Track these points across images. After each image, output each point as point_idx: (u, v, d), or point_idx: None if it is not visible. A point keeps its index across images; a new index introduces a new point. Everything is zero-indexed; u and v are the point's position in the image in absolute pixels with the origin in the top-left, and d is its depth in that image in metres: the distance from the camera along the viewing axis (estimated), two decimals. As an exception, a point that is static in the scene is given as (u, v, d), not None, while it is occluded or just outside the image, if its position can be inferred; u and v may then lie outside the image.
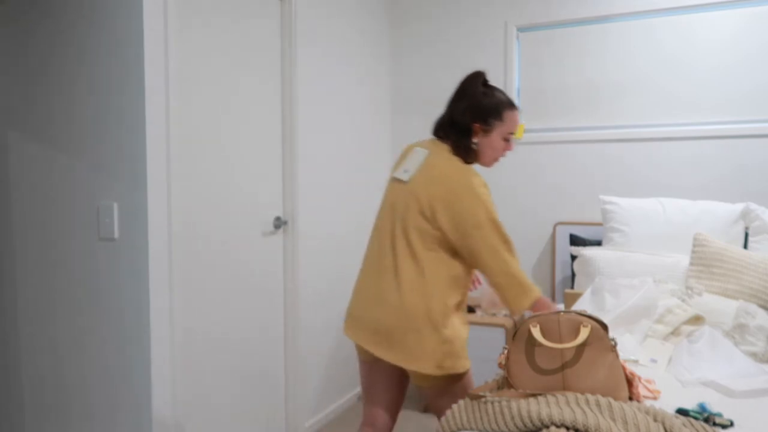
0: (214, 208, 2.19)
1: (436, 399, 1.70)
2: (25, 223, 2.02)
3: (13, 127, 2.02)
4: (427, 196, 1.60)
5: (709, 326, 1.93)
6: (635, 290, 1.96)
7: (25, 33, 1.97)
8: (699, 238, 2.31)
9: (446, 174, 1.60)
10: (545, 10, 3.17)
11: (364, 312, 1.67)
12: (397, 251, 1.63)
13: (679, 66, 2.92)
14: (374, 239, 1.72)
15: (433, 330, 1.58)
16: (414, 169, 1.67)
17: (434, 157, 1.66)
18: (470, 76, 1.69)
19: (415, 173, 1.66)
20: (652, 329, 1.91)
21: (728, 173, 2.85)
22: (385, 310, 1.62)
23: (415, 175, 1.65)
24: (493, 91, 1.69)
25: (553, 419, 1.24)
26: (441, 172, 1.61)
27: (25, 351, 2.04)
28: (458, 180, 1.58)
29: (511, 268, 1.57)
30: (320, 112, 2.82)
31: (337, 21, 2.97)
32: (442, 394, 1.68)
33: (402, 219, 1.64)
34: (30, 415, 2.05)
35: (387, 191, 1.74)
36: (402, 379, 1.79)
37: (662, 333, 1.90)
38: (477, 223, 1.55)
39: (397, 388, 1.78)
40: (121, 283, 1.86)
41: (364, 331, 1.66)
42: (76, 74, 1.90)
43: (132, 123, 1.82)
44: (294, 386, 2.64)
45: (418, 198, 1.62)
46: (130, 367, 1.86)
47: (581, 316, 1.44)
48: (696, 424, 1.26)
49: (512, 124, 1.68)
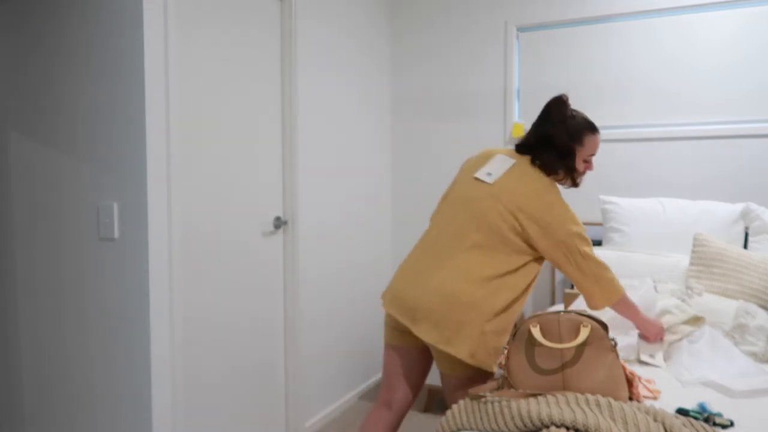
0: (214, 208, 2.19)
1: (454, 392, 1.72)
2: (25, 223, 2.02)
3: (13, 127, 2.02)
4: (516, 203, 1.68)
5: (709, 326, 1.93)
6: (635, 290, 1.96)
7: (26, 33, 1.97)
8: (699, 238, 2.31)
9: (538, 186, 1.70)
10: (545, 10, 3.17)
11: (405, 291, 1.71)
12: (465, 244, 1.69)
13: (679, 66, 2.92)
14: (435, 227, 1.79)
15: (478, 320, 1.63)
16: (498, 174, 1.75)
17: (522, 168, 1.74)
18: (557, 101, 1.78)
19: (500, 178, 1.74)
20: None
21: (728, 173, 2.85)
22: (431, 292, 1.66)
23: (501, 180, 1.73)
24: (579, 117, 1.79)
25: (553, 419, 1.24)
26: (533, 184, 1.70)
27: (25, 351, 2.04)
28: (549, 193, 1.69)
29: (600, 270, 1.70)
30: (320, 112, 2.82)
31: (337, 21, 2.97)
32: (460, 388, 1.71)
33: (479, 217, 1.70)
34: (30, 415, 2.05)
35: (461, 187, 1.80)
36: (425, 369, 1.85)
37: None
38: (568, 233, 1.66)
39: (418, 375, 1.84)
40: (121, 283, 1.86)
41: (405, 308, 1.70)
42: (76, 74, 1.90)
43: (132, 123, 1.82)
44: (294, 386, 2.64)
45: (504, 202, 1.69)
46: (130, 366, 1.86)
47: (581, 316, 1.44)
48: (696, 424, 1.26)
49: (592, 147, 1.78)
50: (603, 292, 1.71)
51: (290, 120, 2.59)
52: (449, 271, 1.67)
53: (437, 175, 3.47)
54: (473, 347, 1.62)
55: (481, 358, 1.63)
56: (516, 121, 3.26)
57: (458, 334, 1.62)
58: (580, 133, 1.76)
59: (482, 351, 1.63)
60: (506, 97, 3.28)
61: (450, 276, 1.66)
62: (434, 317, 1.63)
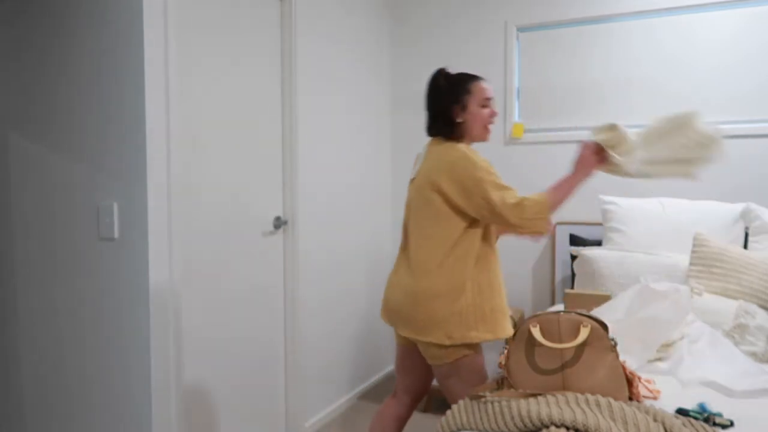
0: (214, 207, 2.19)
1: (446, 379, 1.79)
2: (25, 223, 2.02)
3: (13, 127, 2.02)
4: (430, 175, 1.76)
5: (709, 326, 1.93)
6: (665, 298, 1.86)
7: (25, 33, 1.97)
8: (699, 238, 2.31)
9: (443, 152, 1.77)
10: (545, 10, 3.17)
11: (387, 296, 1.87)
12: (411, 239, 1.82)
13: (679, 66, 2.92)
14: (401, 237, 1.94)
15: (444, 305, 1.71)
16: (418, 165, 1.88)
17: (430, 147, 1.85)
18: (432, 76, 1.86)
19: (418, 168, 1.86)
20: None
21: (728, 173, 2.85)
22: (400, 291, 1.80)
23: (418, 168, 1.85)
24: (455, 75, 1.84)
25: (553, 419, 1.24)
26: (438, 153, 1.78)
27: (25, 351, 2.04)
28: (453, 153, 1.74)
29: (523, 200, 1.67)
30: (320, 113, 2.82)
31: (337, 21, 2.97)
32: (450, 375, 1.77)
33: (415, 209, 1.82)
34: (30, 415, 2.05)
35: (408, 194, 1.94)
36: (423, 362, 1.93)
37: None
38: (477, 183, 1.68)
39: (419, 369, 1.95)
40: (121, 283, 1.86)
41: (386, 311, 1.86)
42: (76, 74, 1.90)
43: (132, 123, 1.82)
44: (294, 386, 2.64)
45: (423, 182, 1.78)
46: (130, 367, 1.86)
47: (581, 316, 1.44)
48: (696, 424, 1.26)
49: (481, 91, 1.81)
50: (534, 221, 1.68)
51: (290, 120, 2.59)
52: (405, 268, 1.81)
53: (437, 175, 3.47)
54: (448, 329, 1.70)
55: (458, 336, 1.70)
56: (516, 121, 3.26)
57: (430, 323, 1.72)
58: (459, 86, 1.81)
59: (457, 330, 1.70)
60: (506, 97, 3.28)
61: (407, 273, 1.79)
62: (404, 315, 1.77)
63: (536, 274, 3.27)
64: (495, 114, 1.85)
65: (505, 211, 1.66)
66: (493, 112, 1.84)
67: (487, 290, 1.74)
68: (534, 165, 3.24)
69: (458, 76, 1.83)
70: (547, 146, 3.20)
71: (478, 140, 1.87)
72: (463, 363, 1.75)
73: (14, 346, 2.06)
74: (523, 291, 3.30)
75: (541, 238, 1.71)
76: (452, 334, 1.70)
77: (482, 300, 1.73)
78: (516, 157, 3.28)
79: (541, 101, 3.22)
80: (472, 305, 1.72)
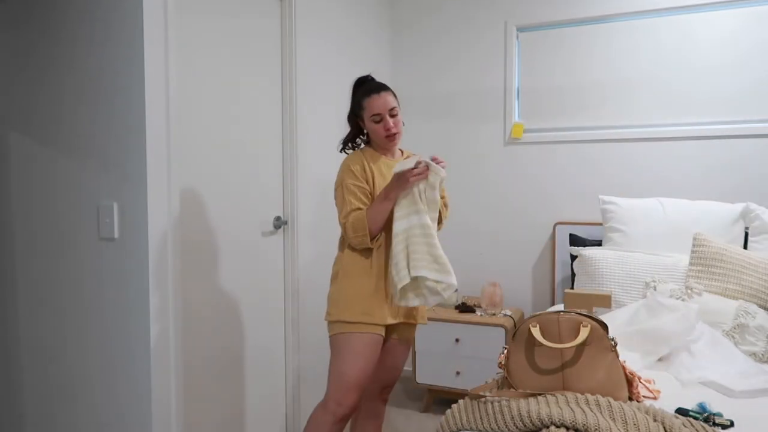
0: (213, 207, 2.19)
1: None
2: (25, 223, 2.02)
3: (13, 128, 2.02)
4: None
5: (708, 326, 1.93)
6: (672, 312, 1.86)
7: (26, 33, 1.97)
8: (699, 238, 2.31)
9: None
10: (545, 10, 3.17)
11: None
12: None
13: (679, 66, 2.92)
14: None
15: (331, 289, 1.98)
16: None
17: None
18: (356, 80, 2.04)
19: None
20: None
21: (728, 173, 2.85)
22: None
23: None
24: (357, 86, 2.01)
25: (552, 419, 1.24)
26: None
27: (25, 351, 2.04)
28: (343, 162, 1.98)
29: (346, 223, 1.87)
30: (320, 112, 2.82)
31: (337, 21, 2.97)
32: (332, 346, 1.96)
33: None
34: (30, 414, 2.05)
35: None
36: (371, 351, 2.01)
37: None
38: (337, 195, 1.94)
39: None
40: (121, 283, 1.86)
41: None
42: (76, 74, 1.90)
43: (132, 123, 1.82)
44: (294, 386, 2.64)
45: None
46: (131, 367, 1.86)
47: (581, 316, 1.44)
48: (696, 424, 1.26)
49: (369, 108, 1.91)
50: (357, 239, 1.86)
51: (290, 120, 2.59)
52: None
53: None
54: (327, 308, 1.96)
55: (328, 313, 1.94)
56: (516, 121, 3.27)
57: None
58: (355, 98, 1.97)
59: (330, 309, 1.93)
60: (506, 97, 3.28)
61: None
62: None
63: (536, 274, 3.27)
64: (389, 129, 1.89)
65: (343, 230, 1.90)
66: (386, 127, 1.89)
67: (360, 283, 1.89)
68: (534, 165, 3.24)
69: (356, 89, 1.98)
70: (547, 146, 3.20)
71: (383, 149, 1.98)
72: (333, 340, 1.93)
73: (14, 345, 2.06)
74: (523, 291, 3.30)
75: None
76: (328, 311, 1.94)
77: (351, 289, 1.90)
78: (516, 157, 3.28)
79: (541, 101, 3.22)
80: (340, 291, 1.92)
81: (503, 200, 3.32)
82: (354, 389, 1.87)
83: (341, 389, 1.87)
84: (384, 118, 1.88)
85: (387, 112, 1.88)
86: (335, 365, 1.91)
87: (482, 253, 3.38)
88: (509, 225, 3.31)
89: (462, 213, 3.39)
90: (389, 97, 1.91)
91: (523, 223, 3.28)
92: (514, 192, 3.29)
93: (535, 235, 3.25)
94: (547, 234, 3.23)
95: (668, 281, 2.31)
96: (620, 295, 2.37)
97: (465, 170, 3.40)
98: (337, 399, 1.87)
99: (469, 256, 3.40)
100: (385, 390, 2.12)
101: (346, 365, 1.87)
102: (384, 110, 1.88)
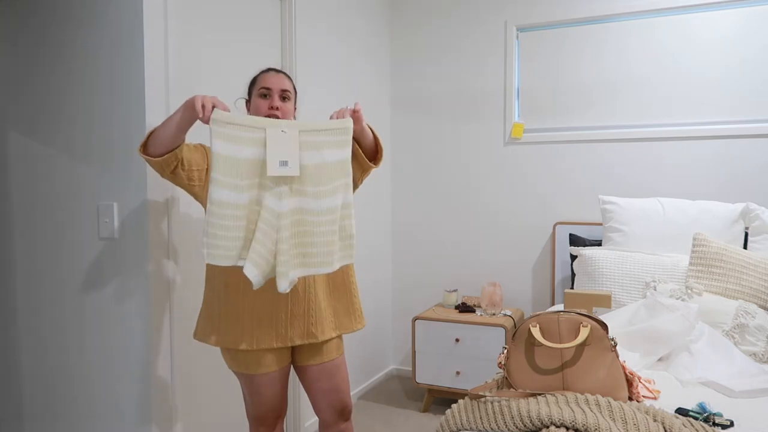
0: (214, 208, 2.19)
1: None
2: (25, 223, 2.02)
3: (13, 128, 2.02)
4: None
5: (708, 326, 1.93)
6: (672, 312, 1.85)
7: (26, 35, 1.97)
8: (699, 238, 2.31)
9: None
10: (545, 10, 3.17)
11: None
12: None
13: (679, 66, 2.92)
14: None
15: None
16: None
17: None
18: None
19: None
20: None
21: (728, 173, 2.85)
22: None
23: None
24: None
25: (552, 419, 1.24)
26: None
27: (25, 350, 2.05)
28: None
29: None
30: (320, 112, 2.82)
31: (336, 22, 2.97)
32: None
33: None
34: (30, 414, 2.05)
35: None
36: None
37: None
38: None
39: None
40: (121, 283, 1.86)
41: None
42: (76, 74, 1.90)
43: (132, 123, 1.82)
44: (294, 386, 2.64)
45: None
46: (130, 367, 1.86)
47: (581, 316, 1.44)
48: (696, 424, 1.26)
49: (261, 80, 1.72)
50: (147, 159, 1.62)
51: (290, 120, 2.59)
52: None
53: (437, 175, 3.47)
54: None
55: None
56: (516, 121, 3.27)
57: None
58: (252, 81, 1.77)
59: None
60: (506, 97, 3.28)
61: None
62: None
63: (536, 274, 3.27)
64: (274, 107, 1.69)
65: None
66: (271, 104, 1.69)
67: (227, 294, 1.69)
68: (534, 165, 3.24)
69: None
70: (547, 146, 3.20)
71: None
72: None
73: (15, 345, 2.06)
74: (523, 291, 3.30)
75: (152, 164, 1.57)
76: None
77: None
78: (516, 157, 3.28)
79: (541, 101, 3.22)
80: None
81: (503, 200, 3.32)
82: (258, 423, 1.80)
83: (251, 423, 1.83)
84: (272, 95, 1.70)
85: (278, 91, 1.70)
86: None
87: (482, 253, 3.38)
88: (509, 225, 3.31)
89: (462, 213, 3.39)
90: (286, 81, 1.74)
91: (523, 223, 3.28)
92: (514, 192, 3.29)
93: (535, 235, 3.25)
94: (547, 234, 3.23)
95: (668, 281, 2.31)
96: (620, 295, 2.37)
97: (465, 170, 3.40)
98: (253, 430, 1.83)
99: (469, 256, 3.40)
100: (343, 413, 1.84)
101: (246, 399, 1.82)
102: (275, 87, 1.70)
